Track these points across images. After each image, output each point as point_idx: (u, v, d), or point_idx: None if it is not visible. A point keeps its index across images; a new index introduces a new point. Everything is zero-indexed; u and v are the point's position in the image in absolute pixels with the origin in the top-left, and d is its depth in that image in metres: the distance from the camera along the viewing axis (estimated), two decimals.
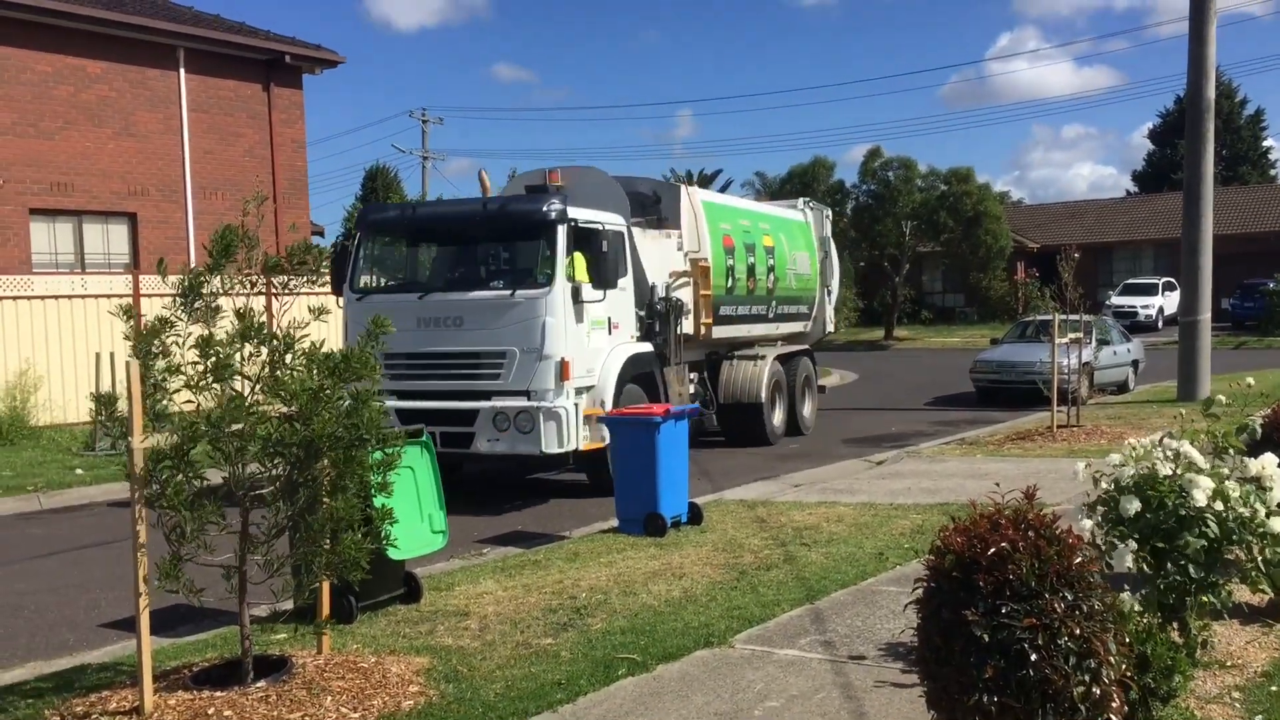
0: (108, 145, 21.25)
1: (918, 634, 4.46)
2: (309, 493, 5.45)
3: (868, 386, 26.62)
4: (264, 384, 5.41)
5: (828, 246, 19.30)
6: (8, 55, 19.94)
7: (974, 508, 4.43)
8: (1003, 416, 18.51)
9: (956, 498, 10.82)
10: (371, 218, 12.96)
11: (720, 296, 15.25)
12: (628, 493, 9.95)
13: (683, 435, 10.23)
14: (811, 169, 44.58)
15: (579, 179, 13.64)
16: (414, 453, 7.42)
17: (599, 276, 11.77)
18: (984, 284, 46.49)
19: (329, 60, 25.07)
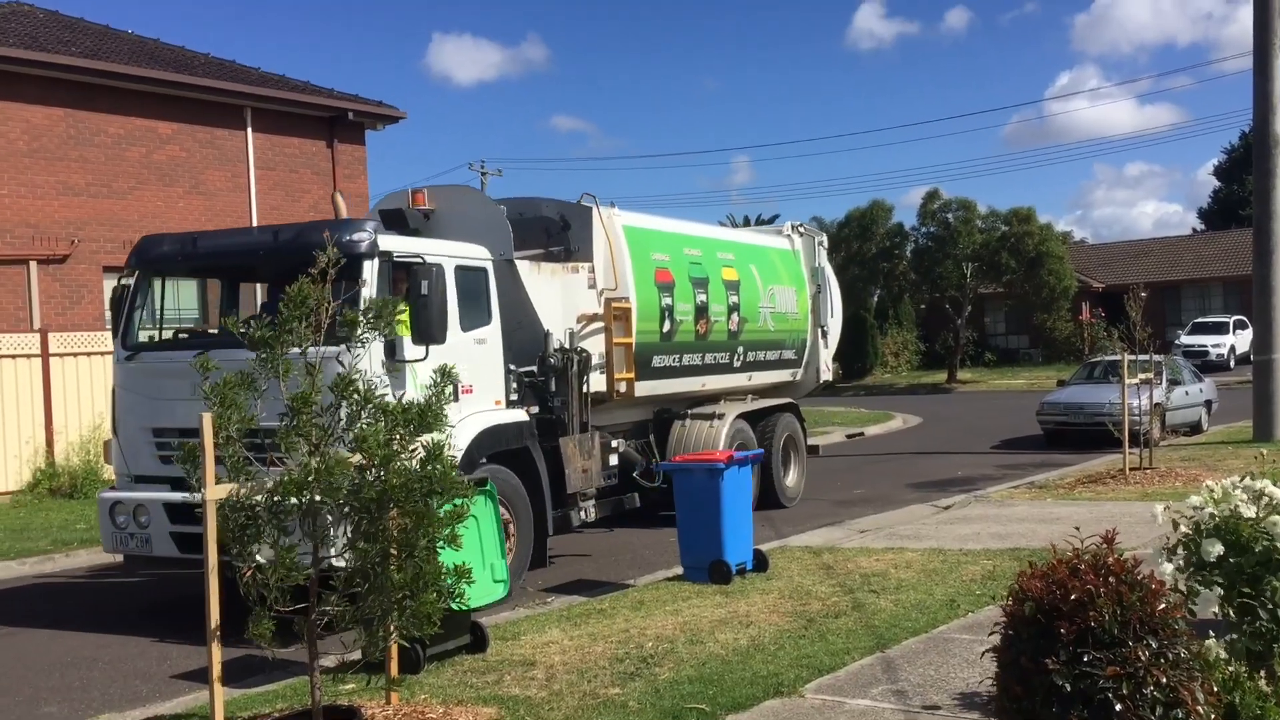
0: (178, 204, 21.78)
1: (995, 683, 4.37)
2: (380, 545, 5.47)
3: (932, 430, 26.31)
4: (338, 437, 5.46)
5: (822, 279, 16.17)
6: (83, 119, 20.57)
7: (1053, 552, 4.35)
8: (1072, 459, 18.17)
9: (1028, 543, 10.62)
10: (146, 253, 10.04)
11: (652, 344, 12.45)
12: (692, 540, 9.88)
13: (746, 481, 10.16)
14: (869, 212, 44.45)
15: (452, 202, 11.52)
16: (479, 502, 7.45)
17: (419, 328, 8.71)
18: (1048, 325, 45.87)
19: (390, 116, 25.54)
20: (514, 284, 10.83)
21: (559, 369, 11.03)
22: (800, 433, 15.34)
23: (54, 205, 19.98)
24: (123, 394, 9.61)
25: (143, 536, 9.19)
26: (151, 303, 10.18)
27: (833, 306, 16.55)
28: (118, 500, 9.38)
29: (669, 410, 13.40)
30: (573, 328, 11.47)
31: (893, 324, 49.28)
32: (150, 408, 9.34)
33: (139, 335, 9.94)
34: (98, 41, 22.51)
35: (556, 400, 10.98)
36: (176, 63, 22.83)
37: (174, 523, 9.00)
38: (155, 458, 9.30)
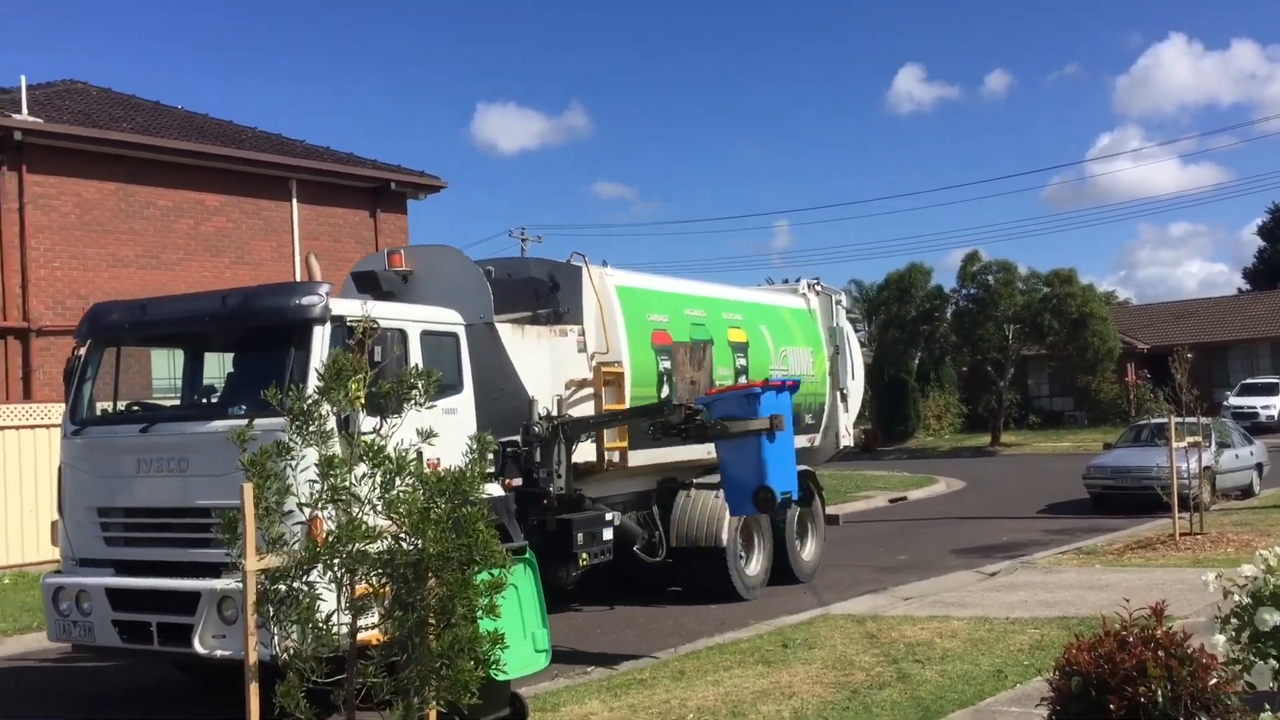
0: (224, 274, 22.13)
1: None
2: (418, 614, 5.46)
3: (976, 494, 25.97)
4: (376, 505, 5.48)
5: (841, 339, 15.39)
6: (134, 192, 21.04)
7: (1102, 623, 4.26)
8: (1120, 524, 17.84)
9: (1077, 611, 10.40)
10: (97, 321, 9.45)
11: (652, 436, 11.54)
12: (735, 476, 9.87)
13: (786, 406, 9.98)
14: (908, 275, 44.39)
15: (432, 263, 11.01)
16: (518, 571, 7.42)
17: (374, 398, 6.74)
18: (1093, 387, 45.35)
19: (432, 185, 25.93)
20: (495, 349, 10.38)
21: (543, 438, 10.40)
22: (817, 502, 14.55)
23: (104, 276, 20.38)
24: (69, 471, 9.06)
25: (85, 625, 8.63)
26: (102, 372, 9.50)
27: (853, 368, 15.79)
28: (60, 586, 8.81)
29: (674, 479, 12.76)
30: (561, 394, 10.93)
31: (934, 386, 48.93)
32: (96, 485, 8.86)
33: (89, 408, 9.35)
34: (149, 117, 23.12)
35: (541, 472, 10.36)
36: (225, 136, 23.37)
37: (116, 610, 8.49)
38: (100, 539, 8.81)
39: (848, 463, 29.58)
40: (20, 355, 19.33)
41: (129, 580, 8.52)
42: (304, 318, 8.36)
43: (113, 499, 8.78)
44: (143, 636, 8.36)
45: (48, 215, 19.81)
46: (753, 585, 12.91)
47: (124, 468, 8.74)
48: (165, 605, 8.26)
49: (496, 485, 9.76)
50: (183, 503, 8.34)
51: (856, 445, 17.65)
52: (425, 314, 9.58)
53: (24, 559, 16.23)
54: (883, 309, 45.93)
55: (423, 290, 10.60)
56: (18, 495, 16.40)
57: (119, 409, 9.53)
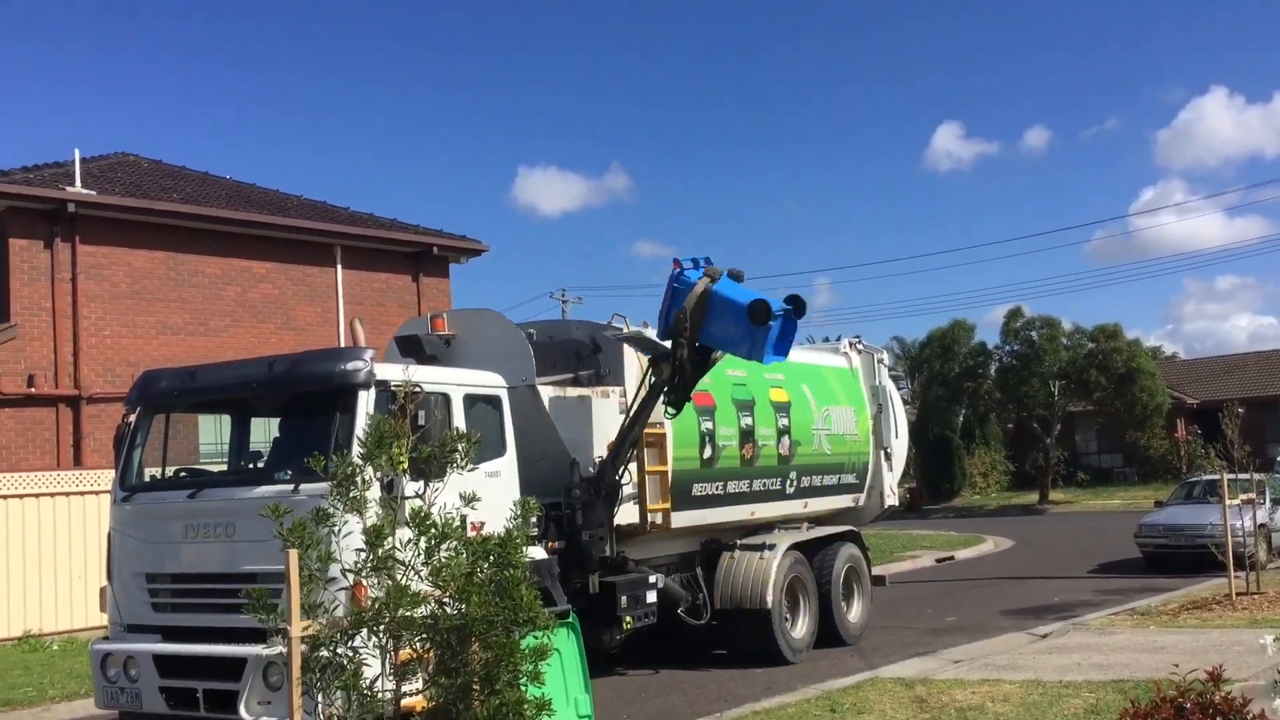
0: (270, 339, 22.43)
1: None
2: (462, 679, 5.44)
3: (1025, 553, 25.55)
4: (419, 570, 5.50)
5: (884, 397, 15.36)
6: (183, 261, 21.45)
7: (1156, 689, 4.17)
8: (1174, 584, 17.47)
9: (1132, 674, 10.17)
10: (146, 389, 9.62)
11: (691, 472, 11.81)
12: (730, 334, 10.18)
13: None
14: (950, 332, 44.15)
15: (473, 327, 11.09)
16: (561, 634, 7.39)
17: (417, 461, 6.72)
18: (1142, 443, 44.69)
19: (474, 249, 26.22)
20: (537, 411, 10.39)
21: (585, 500, 10.41)
22: (864, 562, 14.41)
23: (153, 344, 20.72)
24: (118, 537, 9.15)
25: (133, 691, 8.63)
26: (152, 439, 9.62)
27: (896, 427, 15.64)
28: (109, 652, 8.85)
29: (717, 541, 12.68)
30: (603, 455, 10.90)
31: (979, 444, 48.40)
32: (144, 551, 8.95)
33: (138, 475, 9.44)
34: (198, 187, 23.63)
35: (584, 534, 10.35)
36: (271, 205, 23.82)
37: (163, 676, 8.50)
38: (148, 605, 8.87)
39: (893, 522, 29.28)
40: (71, 422, 19.64)
41: (176, 646, 8.57)
42: (349, 383, 8.46)
43: (160, 565, 8.86)
44: (189, 703, 8.38)
45: (99, 284, 20.23)
46: (799, 648, 12.75)
47: (171, 533, 8.83)
48: (211, 671, 8.27)
49: (540, 548, 9.70)
50: (229, 568, 8.38)
51: (901, 504, 17.47)
52: (468, 377, 9.65)
53: (73, 625, 16.36)
54: (925, 366, 45.62)
55: (465, 353, 10.70)
56: (67, 561, 16.57)
57: (167, 475, 9.64)
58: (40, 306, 19.56)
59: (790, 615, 12.81)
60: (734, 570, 12.41)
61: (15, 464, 18.37)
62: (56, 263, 19.72)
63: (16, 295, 19.30)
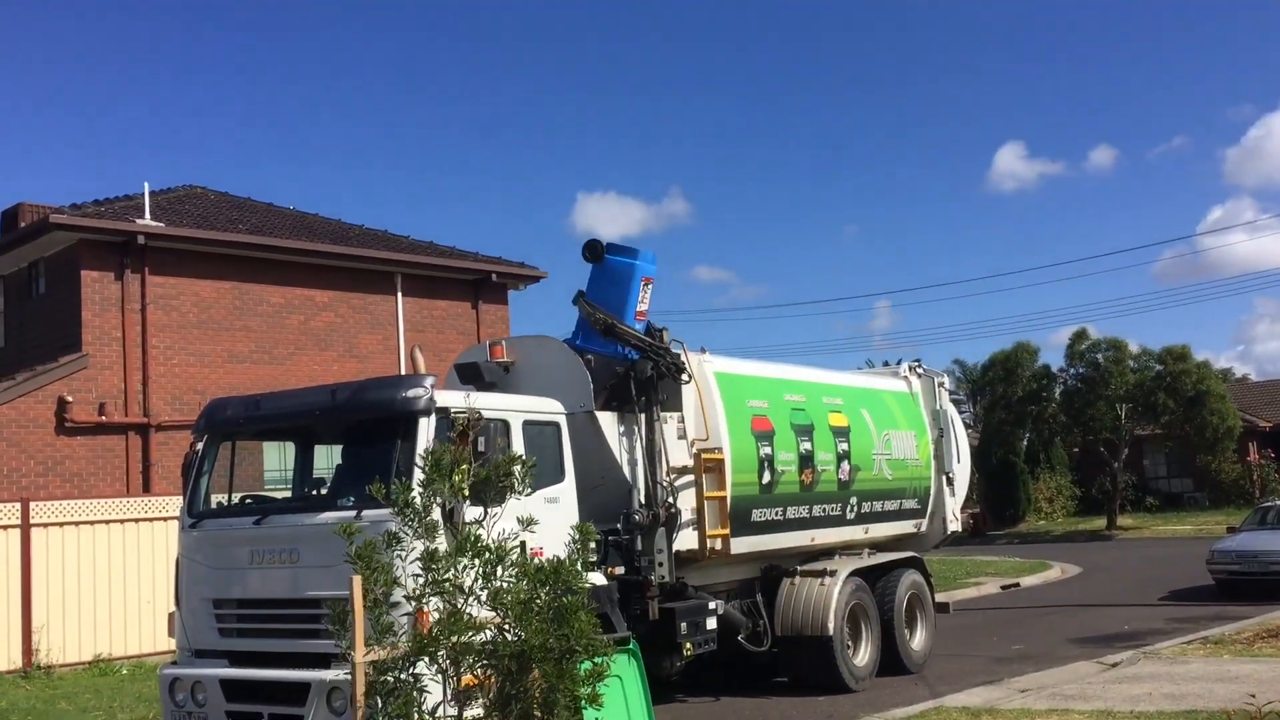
0: (332, 367, 22.75)
1: None
2: (522, 705, 5.45)
3: (1093, 580, 25.05)
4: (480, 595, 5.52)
5: (945, 421, 15.20)
6: (248, 290, 21.86)
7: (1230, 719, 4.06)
8: (1249, 611, 17.01)
9: (1205, 704, 9.90)
10: (213, 417, 9.84)
11: (751, 497, 11.78)
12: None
13: None
14: (1014, 354, 43.52)
15: (532, 353, 11.15)
16: (622, 661, 7.37)
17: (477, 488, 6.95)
18: (1213, 467, 43.63)
19: (532, 276, 26.42)
20: (596, 437, 10.40)
21: (644, 526, 10.39)
22: (926, 589, 14.23)
23: (219, 372, 21.11)
24: (186, 563, 9.31)
25: (200, 715, 8.75)
26: (219, 467, 9.77)
27: (958, 451, 15.49)
28: (176, 677, 8.97)
29: (778, 567, 12.60)
30: (662, 480, 10.90)
31: (1044, 468, 47.58)
32: (211, 577, 9.09)
33: (205, 502, 9.59)
34: (263, 218, 24.09)
35: (643, 560, 10.32)
36: (334, 235, 24.20)
37: (230, 701, 8.60)
38: (215, 630, 9.00)
39: (956, 548, 28.90)
40: (140, 450, 20.04)
41: (242, 671, 8.68)
42: (410, 410, 8.54)
43: (227, 590, 8.98)
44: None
45: (168, 314, 20.67)
46: (861, 676, 12.60)
47: (237, 559, 8.96)
48: (277, 696, 8.34)
49: (599, 574, 9.68)
50: (293, 594, 8.50)
51: (964, 530, 17.25)
52: (527, 404, 9.69)
53: (141, 650, 16.62)
54: (988, 389, 45.03)
55: (524, 380, 10.74)
56: (136, 586, 16.86)
57: (233, 502, 9.80)
58: (111, 336, 20.01)
59: (852, 643, 12.68)
60: (795, 597, 12.31)
61: (87, 490, 18.76)
62: (126, 294, 20.18)
63: (88, 325, 19.78)
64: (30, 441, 18.90)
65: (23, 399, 18.92)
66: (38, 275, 21.43)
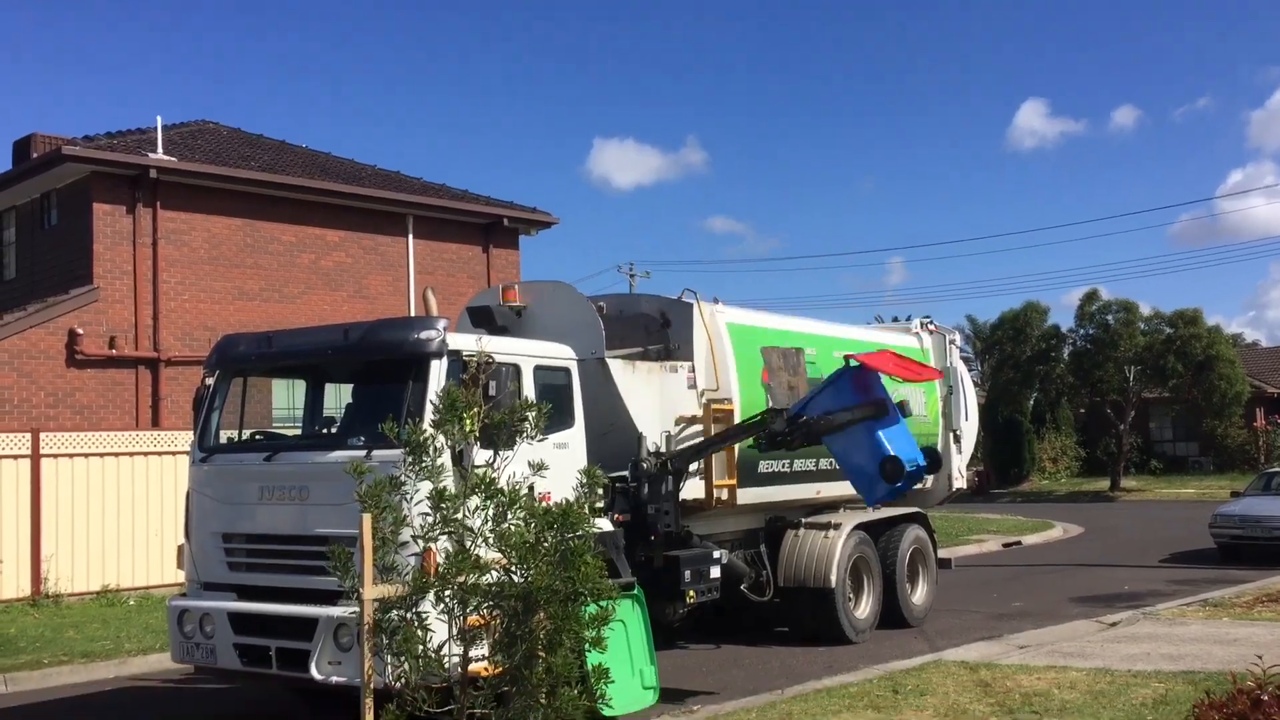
0: (342, 307, 22.75)
1: None
2: (526, 646, 5.50)
3: (1095, 540, 25.15)
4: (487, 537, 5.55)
5: (954, 379, 15.21)
6: (259, 228, 21.82)
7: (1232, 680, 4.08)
8: (1250, 576, 17.08)
9: (1203, 665, 9.98)
10: (225, 353, 9.81)
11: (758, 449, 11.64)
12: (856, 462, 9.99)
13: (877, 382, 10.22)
14: (1023, 314, 43.39)
15: (545, 299, 11.08)
16: (626, 606, 7.43)
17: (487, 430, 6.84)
18: (1219, 432, 43.65)
19: (544, 221, 26.32)
20: (606, 384, 10.37)
21: (651, 474, 10.39)
22: (929, 545, 14.31)
23: (230, 309, 21.13)
24: (196, 497, 9.38)
25: (208, 647, 8.90)
26: (229, 404, 9.80)
27: (966, 409, 15.53)
28: (185, 608, 9.11)
29: (782, 518, 12.68)
30: (670, 430, 10.91)
31: (1050, 428, 47.64)
32: (220, 512, 9.16)
33: (215, 437, 9.62)
34: (275, 156, 23.98)
35: (650, 508, 10.32)
36: (346, 174, 24.10)
37: (238, 633, 8.73)
38: (224, 564, 9.10)
39: (960, 505, 29.00)
40: (150, 384, 20.12)
41: (250, 605, 8.77)
42: (422, 352, 8.54)
43: (236, 525, 9.04)
44: (262, 660, 8.58)
45: (179, 250, 20.65)
46: (861, 628, 12.69)
47: (247, 495, 9.01)
48: (284, 630, 8.45)
49: (606, 520, 9.68)
50: (302, 530, 8.56)
51: (969, 487, 17.27)
52: (538, 349, 9.67)
53: (149, 582, 16.81)
54: (997, 348, 44.95)
55: (535, 325, 10.73)
56: (144, 519, 17.01)
57: (244, 438, 9.86)
58: (122, 270, 20.02)
59: (854, 595, 12.76)
60: (798, 548, 12.38)
61: (97, 423, 18.86)
62: (138, 228, 20.16)
63: (99, 258, 19.78)
64: (40, 373, 18.98)
65: (33, 330, 18.97)
66: (49, 207, 21.40)
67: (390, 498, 5.65)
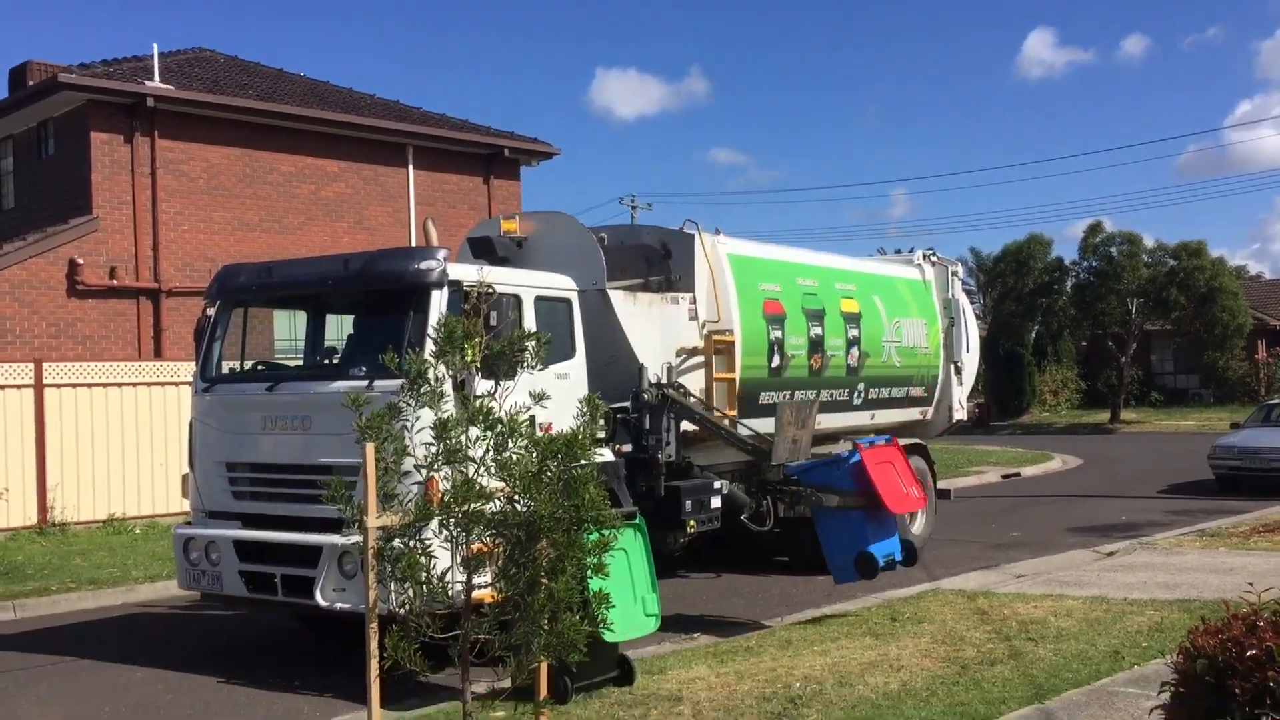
0: (342, 238, 22.67)
1: None
2: (529, 573, 5.55)
3: (1093, 472, 25.31)
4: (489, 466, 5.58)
5: (956, 311, 15.25)
6: (258, 158, 21.65)
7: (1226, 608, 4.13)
8: (1247, 506, 17.22)
9: (1199, 594, 10.10)
10: (225, 283, 9.79)
11: (759, 380, 11.85)
12: (834, 540, 9.77)
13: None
14: (1026, 246, 43.25)
15: (545, 229, 11.03)
16: (628, 535, 7.48)
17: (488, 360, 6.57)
18: (1220, 364, 43.72)
19: (545, 152, 26.12)
20: (606, 315, 10.36)
21: (653, 405, 10.37)
22: (929, 475, 14.29)
23: (229, 240, 21.06)
24: (199, 427, 9.41)
25: (214, 574, 9.01)
26: (231, 334, 9.81)
27: (968, 341, 15.56)
28: (191, 536, 9.19)
29: None
30: (671, 361, 10.90)
31: (1051, 361, 47.71)
32: (224, 441, 9.21)
33: (217, 367, 9.65)
34: (273, 84, 23.71)
35: (650, 439, 10.33)
36: (344, 104, 23.86)
37: (243, 561, 8.82)
38: (228, 493, 9.16)
39: (960, 437, 29.12)
40: (151, 315, 20.11)
41: (255, 533, 8.86)
42: (422, 282, 8.52)
43: (239, 454, 9.10)
44: (268, 587, 8.68)
45: (178, 180, 20.52)
46: None
47: (250, 425, 9.06)
48: (289, 558, 8.55)
49: (607, 450, 9.74)
50: (305, 460, 8.59)
51: (969, 419, 17.38)
52: (539, 279, 9.65)
53: (154, 511, 16.96)
54: (999, 281, 44.87)
55: (536, 256, 10.68)
56: (149, 449, 17.11)
57: (246, 368, 9.88)
58: (121, 200, 19.91)
59: None
60: None
61: (99, 353, 18.90)
62: (136, 157, 20.01)
63: (98, 188, 19.66)
64: (41, 303, 18.97)
65: (34, 260, 18.92)
66: (46, 136, 21.21)
67: (392, 427, 5.67)
